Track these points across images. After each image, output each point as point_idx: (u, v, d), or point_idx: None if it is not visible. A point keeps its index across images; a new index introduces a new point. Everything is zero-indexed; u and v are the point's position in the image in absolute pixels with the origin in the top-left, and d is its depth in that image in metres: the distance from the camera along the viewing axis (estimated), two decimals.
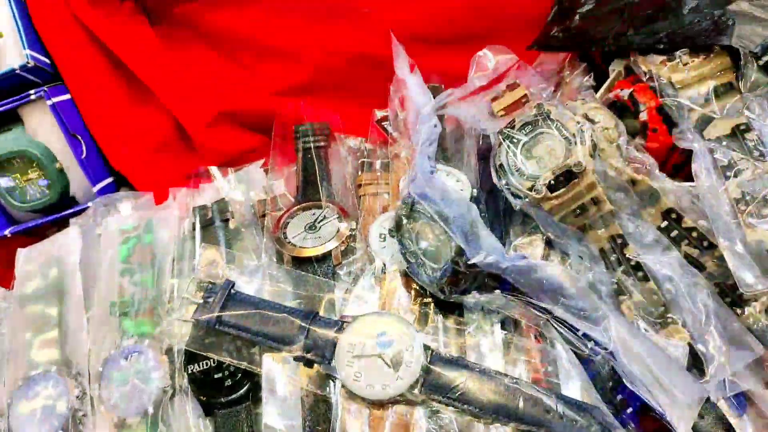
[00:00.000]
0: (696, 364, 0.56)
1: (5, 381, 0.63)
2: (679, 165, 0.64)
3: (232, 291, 0.59)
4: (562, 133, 0.58)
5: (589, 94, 0.67)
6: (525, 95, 0.66)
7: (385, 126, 0.75)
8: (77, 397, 0.60)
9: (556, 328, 0.56)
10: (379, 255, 0.63)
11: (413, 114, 0.65)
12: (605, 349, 0.54)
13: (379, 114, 0.76)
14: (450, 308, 0.59)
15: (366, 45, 0.78)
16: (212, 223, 0.69)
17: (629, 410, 0.54)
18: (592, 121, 0.60)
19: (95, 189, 0.78)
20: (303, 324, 0.56)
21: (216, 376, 0.58)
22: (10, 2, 0.76)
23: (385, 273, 0.61)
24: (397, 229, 0.59)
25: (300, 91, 0.81)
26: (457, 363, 0.55)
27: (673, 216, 0.59)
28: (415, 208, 0.58)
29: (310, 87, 0.81)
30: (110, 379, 0.60)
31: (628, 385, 0.51)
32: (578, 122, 0.58)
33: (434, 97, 0.70)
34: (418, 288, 0.60)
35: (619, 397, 0.55)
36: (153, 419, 0.57)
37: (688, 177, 0.60)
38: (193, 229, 0.69)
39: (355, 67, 0.80)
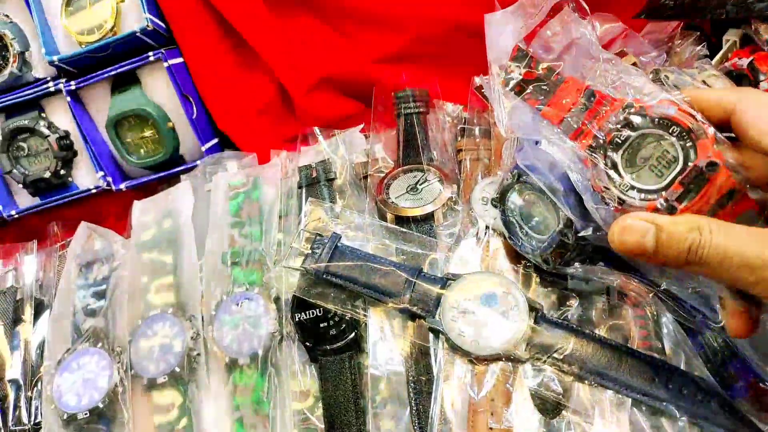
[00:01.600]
0: None
1: (125, 320, 0.67)
2: None
3: (339, 244, 0.61)
4: None
5: (706, 62, 0.65)
6: (634, 63, 0.64)
7: (485, 93, 0.75)
8: (192, 337, 0.64)
9: (662, 300, 0.55)
10: (482, 218, 0.64)
11: None
12: (715, 323, 0.53)
13: (478, 81, 0.76)
14: (553, 274, 0.59)
15: (466, 13, 0.78)
16: (317, 182, 0.71)
17: (739, 384, 0.53)
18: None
19: (204, 148, 0.82)
20: (409, 278, 0.58)
21: (322, 325, 0.60)
22: None
23: (488, 235, 0.62)
24: (500, 199, 0.59)
25: (399, 59, 0.82)
26: (563, 325, 0.55)
27: None
28: (522, 179, 0.58)
29: (410, 55, 0.81)
30: (222, 322, 0.63)
31: (745, 358, 0.50)
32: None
33: None
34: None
35: (730, 370, 0.53)
36: (262, 361, 0.61)
37: None
38: (299, 187, 0.72)
39: (454, 35, 0.80)
